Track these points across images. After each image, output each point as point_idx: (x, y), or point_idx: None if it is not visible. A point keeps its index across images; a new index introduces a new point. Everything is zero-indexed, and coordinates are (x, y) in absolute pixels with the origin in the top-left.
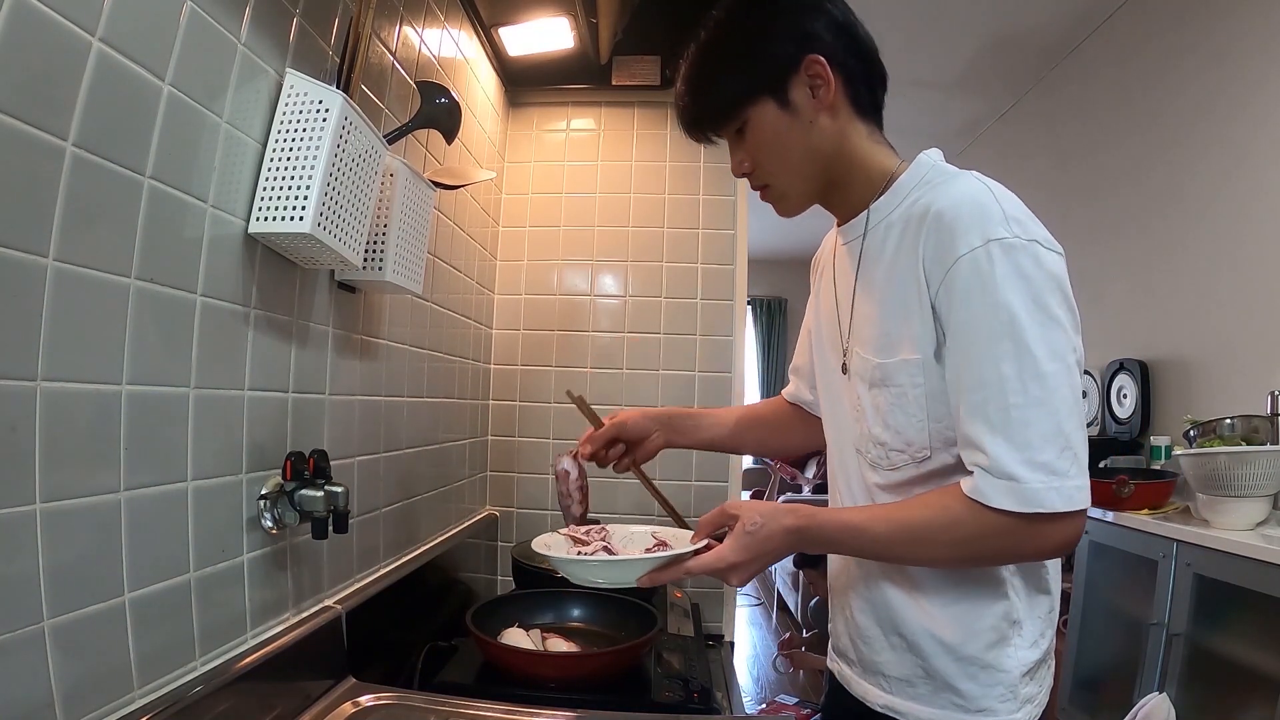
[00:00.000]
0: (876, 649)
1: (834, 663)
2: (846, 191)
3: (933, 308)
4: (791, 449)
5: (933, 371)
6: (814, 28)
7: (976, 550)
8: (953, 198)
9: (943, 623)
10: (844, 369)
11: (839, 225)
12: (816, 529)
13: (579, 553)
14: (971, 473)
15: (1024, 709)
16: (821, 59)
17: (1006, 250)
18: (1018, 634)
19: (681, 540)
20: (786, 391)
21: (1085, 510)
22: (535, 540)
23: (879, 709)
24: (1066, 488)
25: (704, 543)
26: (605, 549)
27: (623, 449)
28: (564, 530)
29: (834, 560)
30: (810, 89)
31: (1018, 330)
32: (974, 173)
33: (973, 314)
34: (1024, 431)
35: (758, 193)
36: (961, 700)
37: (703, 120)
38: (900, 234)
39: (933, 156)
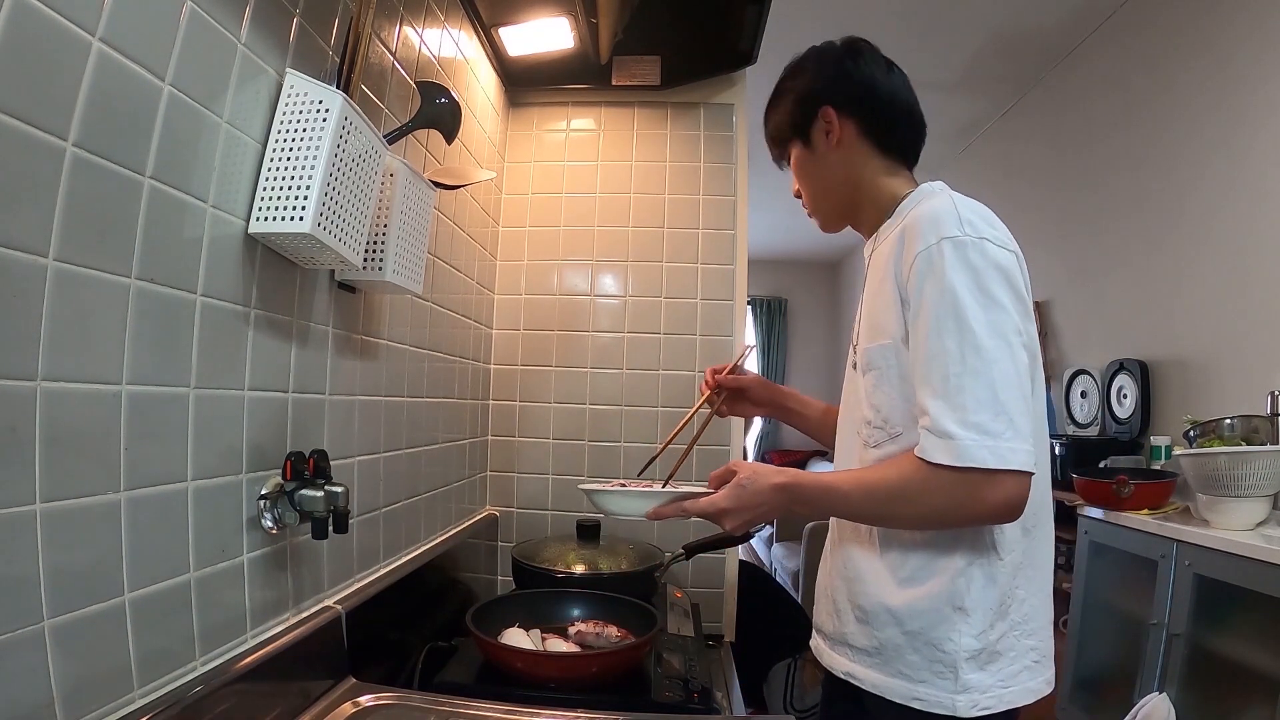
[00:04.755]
0: (845, 621)
1: (814, 639)
2: (861, 214)
3: (902, 301)
4: None
5: (902, 356)
6: (831, 87)
7: (924, 508)
8: (921, 211)
9: (896, 598)
10: (854, 365)
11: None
12: (799, 489)
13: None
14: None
15: (965, 694)
16: (830, 108)
17: (956, 245)
18: (963, 620)
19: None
20: None
21: (1025, 474)
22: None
23: (841, 675)
24: (1000, 447)
25: (713, 489)
26: (621, 484)
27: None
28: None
29: (825, 541)
30: (825, 133)
31: (960, 311)
32: (946, 189)
33: (925, 298)
34: (960, 396)
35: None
36: (907, 670)
37: (773, 153)
38: (889, 247)
39: (933, 187)
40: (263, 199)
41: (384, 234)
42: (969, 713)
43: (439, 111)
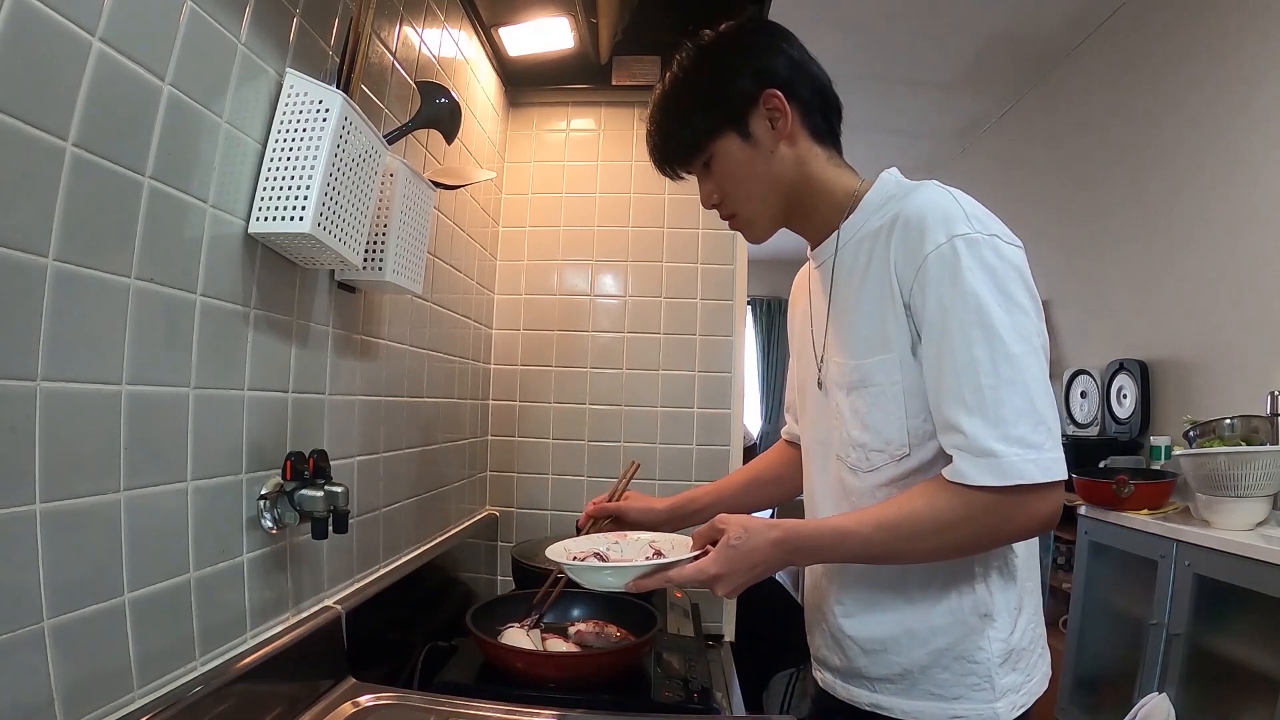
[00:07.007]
0: (853, 655)
1: (817, 671)
2: (813, 213)
3: (906, 307)
4: (799, 491)
5: (909, 368)
6: (770, 65)
7: (964, 535)
8: (917, 204)
9: (913, 621)
10: (819, 384)
11: (811, 249)
12: (802, 539)
13: (573, 557)
14: (951, 459)
15: (1005, 698)
16: (778, 93)
17: (970, 244)
18: (990, 626)
19: (680, 548)
20: (785, 431)
21: (1063, 483)
22: (550, 548)
23: (866, 708)
24: (1043, 459)
25: (697, 552)
26: (596, 555)
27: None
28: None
29: (808, 575)
30: (769, 121)
31: (986, 316)
32: (934, 181)
33: (944, 304)
34: (998, 409)
35: (727, 223)
36: (938, 689)
37: (673, 156)
38: (871, 246)
39: (894, 174)
40: (263, 199)
41: (384, 234)
42: (1011, 715)
43: (439, 111)
